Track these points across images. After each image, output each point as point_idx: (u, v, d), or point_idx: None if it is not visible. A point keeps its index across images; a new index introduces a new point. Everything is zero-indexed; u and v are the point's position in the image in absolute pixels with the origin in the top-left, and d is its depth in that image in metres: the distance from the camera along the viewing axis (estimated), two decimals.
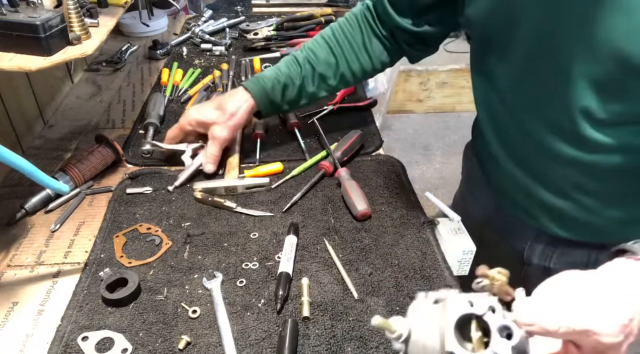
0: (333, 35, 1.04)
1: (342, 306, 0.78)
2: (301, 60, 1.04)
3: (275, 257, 0.87)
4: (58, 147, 1.20)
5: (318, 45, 1.04)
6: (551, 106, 0.75)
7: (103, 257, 0.87)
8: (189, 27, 1.83)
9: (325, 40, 1.05)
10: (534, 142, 0.80)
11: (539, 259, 0.94)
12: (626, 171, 0.74)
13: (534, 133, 0.79)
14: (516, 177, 0.88)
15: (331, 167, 1.07)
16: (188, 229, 0.93)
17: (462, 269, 0.91)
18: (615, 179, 0.76)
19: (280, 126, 1.26)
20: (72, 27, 0.87)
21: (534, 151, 0.82)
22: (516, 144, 0.85)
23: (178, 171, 1.08)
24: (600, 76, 0.67)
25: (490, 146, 0.92)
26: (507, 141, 0.87)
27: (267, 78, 1.03)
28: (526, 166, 0.86)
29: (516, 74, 0.79)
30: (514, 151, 0.87)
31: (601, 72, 0.66)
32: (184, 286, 0.81)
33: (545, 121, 0.77)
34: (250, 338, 0.73)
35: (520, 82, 0.78)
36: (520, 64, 0.77)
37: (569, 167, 0.78)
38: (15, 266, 0.87)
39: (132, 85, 1.49)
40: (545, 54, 0.72)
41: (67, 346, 0.72)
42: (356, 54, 1.04)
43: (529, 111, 0.79)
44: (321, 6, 2.14)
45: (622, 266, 0.57)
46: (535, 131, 0.79)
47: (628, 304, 0.52)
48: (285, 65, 1.04)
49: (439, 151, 3.27)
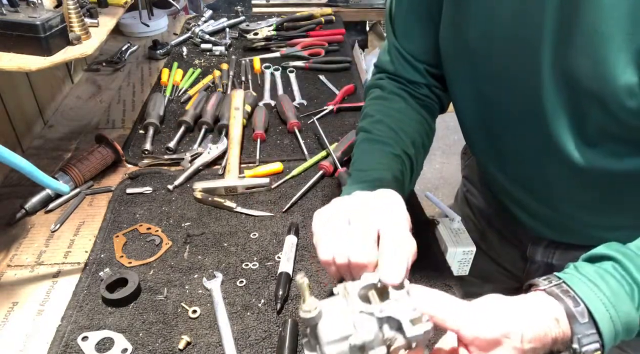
0: (385, 116, 0.86)
1: None
2: (397, 153, 0.82)
3: (275, 258, 0.87)
4: (58, 147, 1.20)
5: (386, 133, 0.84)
6: (529, 127, 0.73)
7: (103, 257, 0.87)
8: (189, 27, 1.83)
9: (384, 125, 0.85)
10: (515, 157, 0.80)
11: (542, 257, 0.95)
12: (608, 187, 0.74)
13: (514, 151, 0.79)
14: (504, 186, 0.88)
15: (331, 167, 1.06)
16: (188, 229, 0.93)
17: (462, 269, 0.91)
18: (597, 192, 0.76)
19: (280, 126, 1.26)
20: (72, 27, 0.87)
21: (516, 165, 0.81)
22: (500, 153, 0.84)
23: (178, 171, 1.08)
24: (574, 102, 0.66)
25: (477, 154, 0.92)
26: (492, 149, 0.85)
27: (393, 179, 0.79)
28: (511, 175, 0.85)
29: (489, 97, 0.77)
30: (498, 159, 0.86)
31: (573, 98, 0.65)
32: (184, 286, 0.81)
33: (525, 141, 0.76)
34: (250, 338, 0.73)
35: (494, 103, 0.77)
36: (492, 88, 0.75)
37: (550, 180, 0.78)
38: (15, 266, 0.87)
39: (132, 85, 1.49)
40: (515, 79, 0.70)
41: (67, 346, 0.72)
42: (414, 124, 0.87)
43: (508, 133, 0.78)
44: (321, 6, 2.14)
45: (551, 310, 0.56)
46: (515, 149, 0.79)
47: (508, 321, 0.54)
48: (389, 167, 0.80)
49: (439, 151, 3.27)
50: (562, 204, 0.81)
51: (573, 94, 0.65)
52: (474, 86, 0.79)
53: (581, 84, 0.63)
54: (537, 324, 0.54)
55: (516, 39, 0.67)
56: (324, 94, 1.41)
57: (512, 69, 0.70)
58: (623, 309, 0.55)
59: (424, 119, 0.88)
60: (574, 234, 0.86)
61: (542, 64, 0.65)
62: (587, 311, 0.55)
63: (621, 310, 0.55)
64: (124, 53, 1.65)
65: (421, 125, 0.87)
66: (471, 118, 0.85)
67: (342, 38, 1.74)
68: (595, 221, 0.81)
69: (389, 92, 0.89)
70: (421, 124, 0.87)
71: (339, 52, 1.66)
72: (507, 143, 0.80)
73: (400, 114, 0.86)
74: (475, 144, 0.89)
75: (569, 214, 0.81)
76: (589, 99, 0.63)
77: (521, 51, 0.67)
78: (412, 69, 0.88)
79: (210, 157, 1.10)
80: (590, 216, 0.80)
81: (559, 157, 0.72)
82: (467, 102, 0.83)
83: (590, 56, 0.60)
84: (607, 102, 0.61)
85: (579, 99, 0.65)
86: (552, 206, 0.82)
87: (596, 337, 0.55)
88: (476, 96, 0.79)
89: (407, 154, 0.82)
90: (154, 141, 1.18)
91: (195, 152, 1.12)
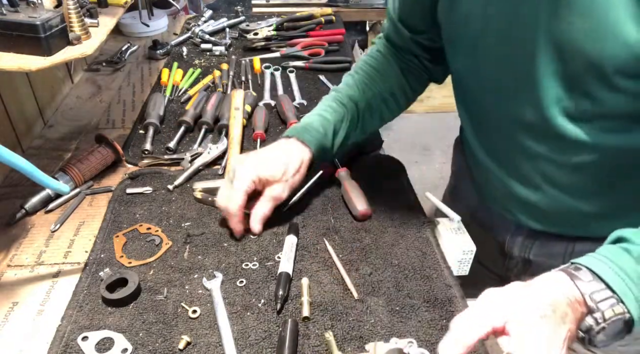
0: (364, 73, 1.00)
1: (342, 306, 0.78)
2: (344, 102, 0.97)
3: (275, 257, 0.87)
4: (58, 147, 1.20)
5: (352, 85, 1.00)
6: (520, 102, 0.75)
7: (103, 257, 0.87)
8: (189, 27, 1.83)
9: (356, 78, 1.00)
10: (505, 136, 0.82)
11: (520, 251, 0.97)
12: (594, 167, 0.75)
13: (505, 128, 0.81)
14: (491, 170, 0.90)
15: (331, 168, 1.06)
16: (188, 229, 0.93)
17: (462, 269, 0.91)
18: (584, 173, 0.77)
19: (280, 126, 1.26)
20: (72, 27, 0.87)
21: (506, 145, 0.83)
22: (490, 138, 0.87)
23: (178, 171, 1.08)
24: (568, 74, 0.67)
25: (469, 140, 0.94)
26: (482, 134, 0.90)
27: (317, 126, 0.94)
28: (499, 159, 0.88)
29: (484, 73, 0.80)
30: (489, 144, 0.89)
31: (568, 70, 0.67)
32: (184, 286, 0.81)
33: (516, 117, 0.78)
34: (250, 338, 0.73)
35: (488, 79, 0.80)
36: (487, 64, 0.78)
37: (539, 160, 0.79)
38: (15, 266, 0.87)
39: (132, 85, 1.49)
40: (509, 54, 0.73)
41: (67, 346, 0.72)
42: (391, 80, 1.00)
43: (499, 108, 0.80)
44: (321, 6, 2.14)
45: (554, 277, 0.61)
46: (505, 126, 0.81)
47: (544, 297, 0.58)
48: (326, 110, 0.97)
49: (439, 151, 3.27)
50: (547, 186, 0.82)
51: (568, 65, 0.66)
52: (469, 58, 0.81)
53: (578, 50, 0.63)
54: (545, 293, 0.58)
55: (510, 5, 0.69)
56: (324, 94, 1.39)
57: (505, 39, 0.72)
58: (624, 263, 0.57)
59: (402, 79, 1.00)
60: (555, 222, 0.87)
61: (536, 31, 0.66)
62: (589, 270, 0.59)
63: (622, 263, 0.57)
64: (124, 53, 1.65)
65: (394, 82, 1.00)
66: (464, 91, 0.89)
67: (342, 38, 1.74)
68: (579, 206, 0.81)
69: (376, 51, 1.03)
70: (395, 80, 1.00)
71: (339, 52, 1.66)
72: (498, 119, 0.82)
73: (373, 70, 1.00)
74: (466, 122, 0.93)
75: (553, 197, 0.82)
76: (585, 67, 0.64)
77: (515, 19, 0.69)
78: (399, 37, 0.98)
79: (210, 157, 1.10)
80: (574, 200, 0.81)
81: (551, 133, 0.73)
82: (462, 74, 0.87)
83: (589, 17, 0.61)
84: (604, 68, 0.62)
85: (574, 69, 0.66)
86: (536, 188, 0.83)
87: (608, 292, 0.57)
88: (472, 68, 0.82)
89: (354, 104, 0.97)
90: (154, 141, 1.18)
91: (195, 152, 1.12)
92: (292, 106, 1.30)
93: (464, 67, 0.85)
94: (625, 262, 0.58)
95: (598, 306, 0.56)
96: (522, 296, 0.59)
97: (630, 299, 0.56)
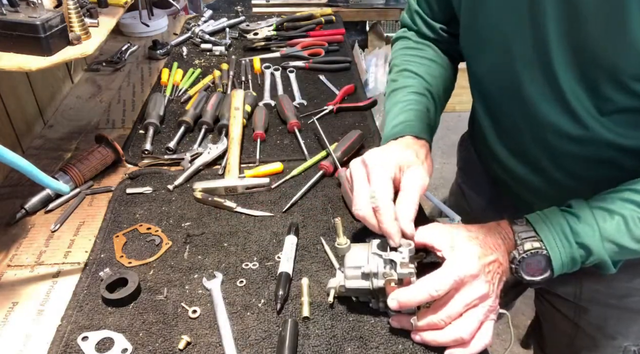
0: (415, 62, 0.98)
1: (342, 306, 0.78)
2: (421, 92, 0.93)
3: (275, 257, 0.87)
4: (58, 147, 1.20)
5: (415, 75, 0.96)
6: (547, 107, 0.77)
7: (103, 257, 0.87)
8: (189, 27, 1.83)
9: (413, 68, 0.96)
10: (532, 138, 0.84)
11: None
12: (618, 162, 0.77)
13: (530, 130, 0.83)
14: (513, 169, 0.91)
15: (331, 167, 1.06)
16: (188, 229, 0.93)
17: None
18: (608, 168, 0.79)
19: (280, 126, 1.26)
20: (72, 27, 0.87)
21: (533, 145, 0.85)
22: (514, 138, 0.88)
23: (178, 171, 1.08)
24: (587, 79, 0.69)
25: (489, 140, 0.95)
26: (505, 134, 0.91)
27: (414, 118, 0.88)
28: (524, 158, 0.89)
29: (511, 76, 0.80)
30: (513, 144, 0.90)
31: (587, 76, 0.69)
32: (184, 286, 0.81)
33: (543, 120, 0.79)
34: (250, 338, 0.73)
35: (513, 82, 0.80)
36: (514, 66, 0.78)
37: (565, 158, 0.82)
38: (15, 266, 0.87)
39: (132, 85, 1.49)
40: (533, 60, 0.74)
41: (67, 346, 0.72)
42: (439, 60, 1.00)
43: (524, 112, 0.81)
44: (321, 6, 2.15)
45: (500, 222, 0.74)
46: (531, 128, 0.82)
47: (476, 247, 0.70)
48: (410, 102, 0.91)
49: (439, 151, 3.27)
50: (568, 180, 0.84)
51: (583, 68, 0.68)
52: (487, 59, 0.84)
53: (591, 54, 0.66)
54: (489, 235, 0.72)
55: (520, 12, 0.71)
56: (324, 94, 1.41)
57: (521, 44, 0.74)
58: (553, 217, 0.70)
59: (449, 64, 1.02)
60: None
61: (548, 34, 0.68)
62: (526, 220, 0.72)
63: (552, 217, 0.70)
64: (124, 53, 1.65)
65: (445, 69, 1.00)
66: (484, 94, 0.91)
67: (342, 38, 1.74)
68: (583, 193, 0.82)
69: (415, 41, 1.02)
70: (445, 68, 1.00)
71: (339, 52, 1.66)
72: (512, 115, 0.84)
73: (425, 59, 0.99)
74: (487, 122, 0.94)
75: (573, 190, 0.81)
76: (600, 71, 0.66)
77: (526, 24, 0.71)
78: (429, 29, 1.01)
79: (210, 157, 1.10)
80: (577, 187, 0.82)
81: (577, 132, 0.76)
82: (485, 77, 0.88)
83: (604, 22, 0.62)
84: (618, 73, 0.65)
85: (590, 71, 0.68)
86: (559, 184, 0.85)
87: (533, 233, 0.70)
88: (489, 68, 0.85)
89: (429, 92, 0.94)
90: (154, 141, 1.18)
91: (195, 152, 1.12)
92: (292, 105, 1.30)
93: (490, 69, 0.85)
94: (553, 216, 0.70)
95: (522, 241, 0.69)
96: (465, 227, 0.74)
97: (548, 239, 0.69)
